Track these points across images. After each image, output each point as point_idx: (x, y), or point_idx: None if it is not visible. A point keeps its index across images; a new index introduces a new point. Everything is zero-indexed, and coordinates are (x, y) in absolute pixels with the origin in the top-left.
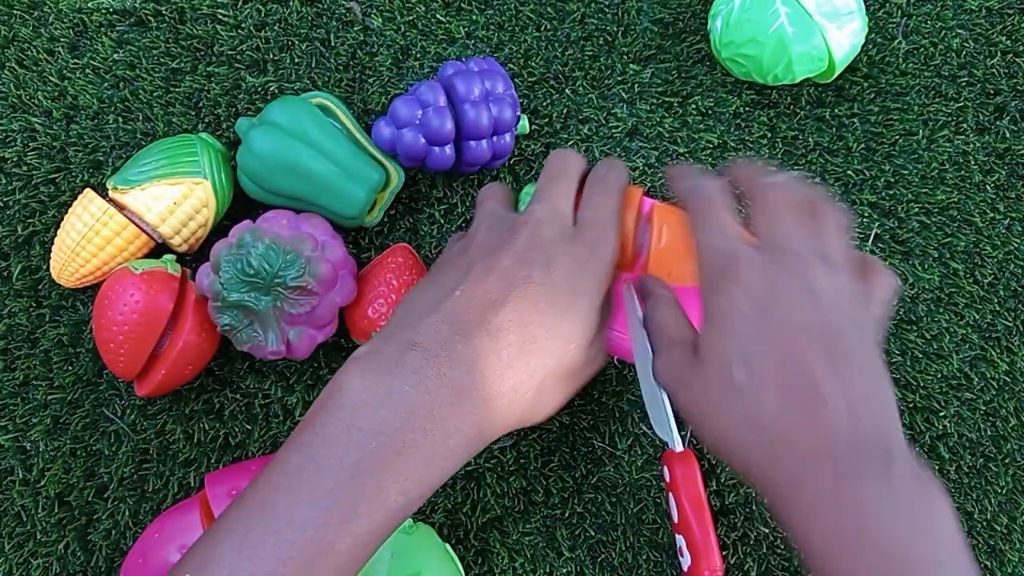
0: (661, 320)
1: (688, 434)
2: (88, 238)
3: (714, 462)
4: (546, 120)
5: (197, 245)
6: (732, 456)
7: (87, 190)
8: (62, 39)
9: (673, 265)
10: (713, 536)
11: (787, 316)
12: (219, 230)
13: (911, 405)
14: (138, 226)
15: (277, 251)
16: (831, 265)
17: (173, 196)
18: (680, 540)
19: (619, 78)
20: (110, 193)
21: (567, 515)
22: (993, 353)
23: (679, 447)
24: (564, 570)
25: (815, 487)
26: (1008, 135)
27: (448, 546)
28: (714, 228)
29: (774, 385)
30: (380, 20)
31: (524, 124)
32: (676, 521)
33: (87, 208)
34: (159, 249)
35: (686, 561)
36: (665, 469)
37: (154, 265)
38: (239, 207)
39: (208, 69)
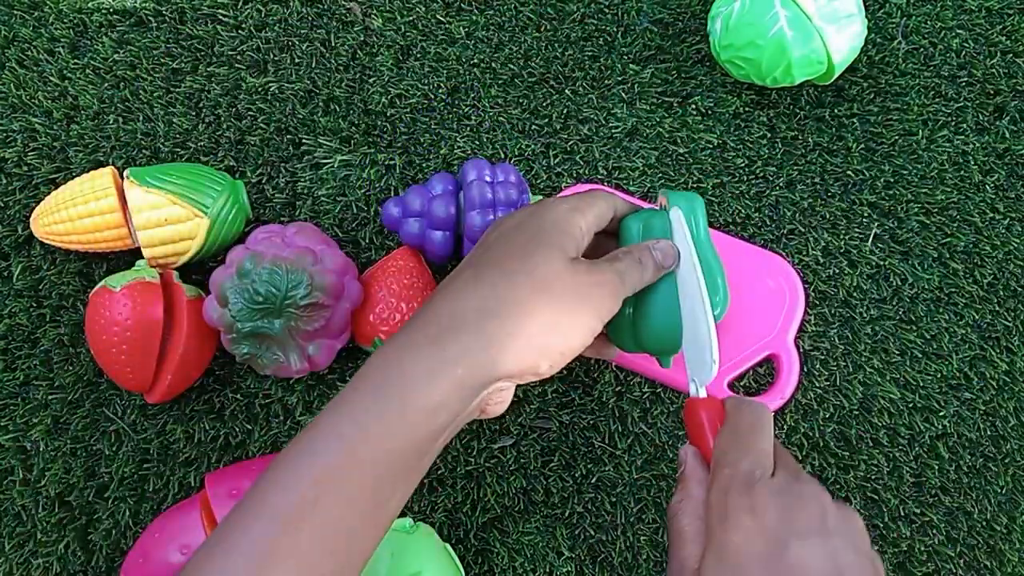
0: (681, 522)
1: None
2: (76, 202)
3: None
4: (546, 120)
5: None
6: None
7: (110, 167)
8: (62, 39)
9: None
10: None
11: (801, 559)
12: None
13: (911, 405)
14: (126, 220)
15: (281, 273)
16: (828, 500)
17: (167, 214)
18: None
19: (619, 78)
20: (124, 181)
21: (567, 515)
22: (993, 353)
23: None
24: (564, 570)
25: None
26: (1008, 135)
27: (448, 546)
28: (756, 447)
29: None
30: (380, 20)
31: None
32: None
33: (94, 178)
34: (129, 253)
35: None
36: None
37: (130, 278)
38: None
39: (208, 69)
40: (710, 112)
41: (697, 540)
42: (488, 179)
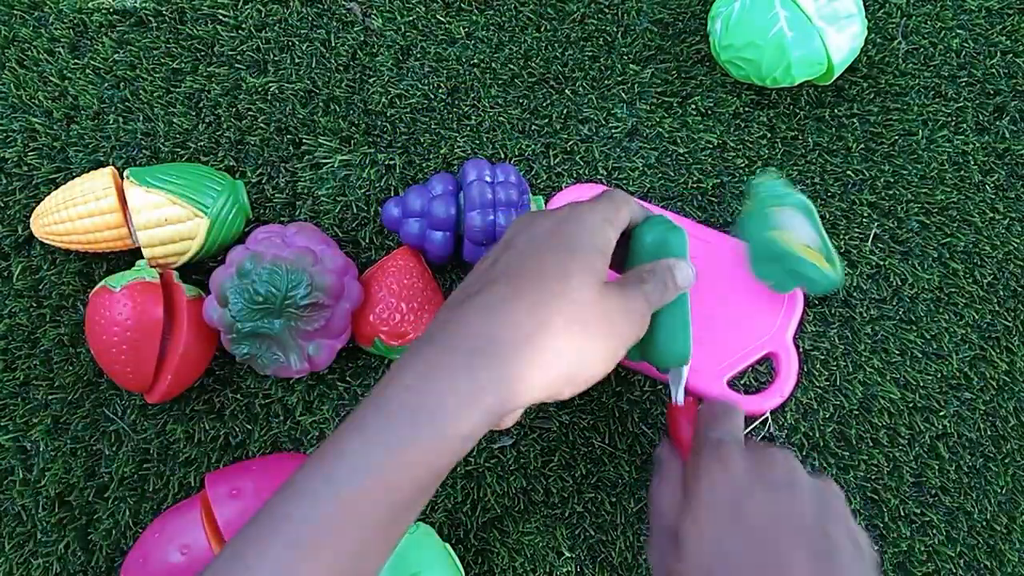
0: (660, 498)
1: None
2: (76, 202)
3: None
4: (546, 120)
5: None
6: None
7: (110, 167)
8: (63, 39)
9: None
10: None
11: (767, 505)
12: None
13: (911, 405)
14: (126, 220)
15: (281, 273)
16: (800, 467)
17: (167, 214)
18: None
19: (619, 78)
20: (124, 181)
21: (567, 515)
22: (993, 353)
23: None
24: (564, 570)
25: None
26: (1008, 135)
27: (448, 546)
28: (724, 426)
29: (753, 573)
30: (380, 20)
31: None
32: None
33: (93, 178)
34: (129, 253)
35: None
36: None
37: (130, 278)
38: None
39: (208, 69)
40: (710, 112)
41: (674, 510)
42: (488, 179)
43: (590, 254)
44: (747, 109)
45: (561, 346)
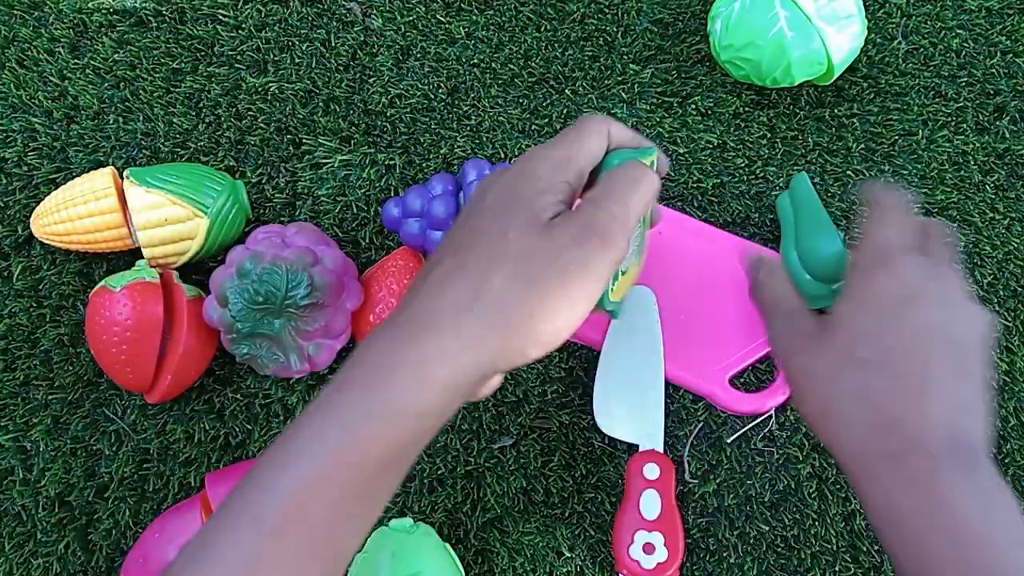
0: (778, 290)
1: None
2: (76, 202)
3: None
4: (546, 120)
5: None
6: (828, 427)
7: (110, 167)
8: (63, 39)
9: None
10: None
11: (927, 314)
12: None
13: None
14: (126, 220)
15: (281, 273)
16: (965, 288)
17: (167, 214)
18: (655, 537)
19: (619, 78)
20: (124, 181)
21: (567, 515)
22: (993, 353)
23: (661, 447)
24: (564, 570)
25: (912, 469)
26: (1008, 135)
27: (448, 546)
28: (890, 222)
29: (895, 371)
30: (380, 20)
31: None
32: (655, 519)
33: (93, 179)
34: (129, 253)
35: (655, 559)
36: (655, 467)
37: (130, 278)
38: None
39: (208, 69)
40: (710, 112)
41: (796, 303)
42: None
43: (530, 202)
44: (747, 109)
45: (512, 307)
